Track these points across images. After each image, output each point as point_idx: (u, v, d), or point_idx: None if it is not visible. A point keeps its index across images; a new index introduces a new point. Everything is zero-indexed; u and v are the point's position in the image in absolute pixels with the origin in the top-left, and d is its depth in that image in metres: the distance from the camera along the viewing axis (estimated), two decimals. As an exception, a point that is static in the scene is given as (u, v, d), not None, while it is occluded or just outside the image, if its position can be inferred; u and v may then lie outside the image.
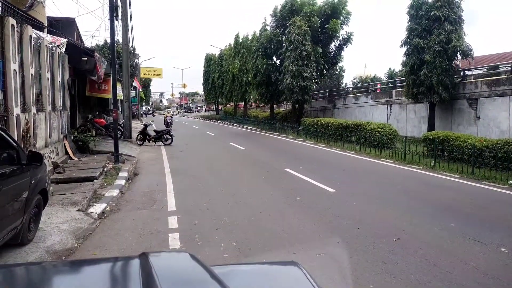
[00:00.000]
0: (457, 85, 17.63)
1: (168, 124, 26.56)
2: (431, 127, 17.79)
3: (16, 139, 6.38)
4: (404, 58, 18.35)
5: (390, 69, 39.10)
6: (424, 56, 16.88)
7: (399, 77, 26.60)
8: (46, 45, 9.78)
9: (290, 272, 1.71)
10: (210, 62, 49.74)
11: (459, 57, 17.31)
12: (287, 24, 25.12)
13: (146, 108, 63.18)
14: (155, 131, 18.35)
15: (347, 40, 27.10)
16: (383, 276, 4.09)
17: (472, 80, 17.90)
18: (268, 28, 28.54)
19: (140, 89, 37.02)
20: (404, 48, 18.28)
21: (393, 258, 4.54)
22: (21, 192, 4.39)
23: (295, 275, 1.64)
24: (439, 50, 16.48)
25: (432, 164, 11.83)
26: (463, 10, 17.21)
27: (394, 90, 22.72)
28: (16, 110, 7.28)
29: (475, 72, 19.71)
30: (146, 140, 17.69)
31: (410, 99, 18.90)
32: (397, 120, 21.76)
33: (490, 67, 20.95)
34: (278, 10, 27.45)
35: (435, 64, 16.54)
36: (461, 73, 18.47)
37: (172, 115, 33.20)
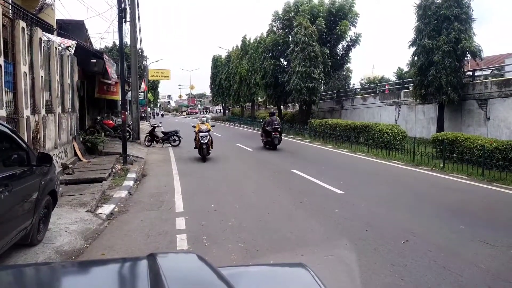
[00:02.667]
0: (466, 85, 17.45)
1: (202, 148, 12.84)
2: (440, 128, 17.63)
3: (26, 140, 6.46)
4: (411, 59, 18.27)
5: (399, 68, 38.80)
6: (433, 57, 16.74)
7: (408, 77, 26.40)
8: (55, 47, 9.89)
9: (298, 274, 1.70)
10: (217, 64, 49.95)
11: (469, 57, 17.15)
12: (293, 25, 25.11)
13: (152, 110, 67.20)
14: (163, 132, 18.44)
15: (355, 41, 27.04)
16: (392, 278, 4.06)
17: (482, 80, 17.71)
18: (275, 29, 28.57)
19: (146, 90, 37.01)
20: (412, 49, 18.16)
21: (402, 261, 4.50)
22: (31, 193, 4.43)
23: (303, 277, 1.63)
24: (449, 50, 16.33)
25: (441, 165, 11.71)
26: (472, 10, 17.05)
27: (403, 91, 22.58)
28: (26, 112, 7.37)
29: (484, 72, 19.50)
30: (154, 142, 17.80)
31: (418, 100, 18.75)
32: (405, 121, 21.60)
33: (500, 67, 20.70)
34: (280, 13, 27.52)
35: (444, 64, 16.40)
36: (471, 74, 18.29)
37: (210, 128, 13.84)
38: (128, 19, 14.94)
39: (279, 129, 16.19)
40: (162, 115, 70.50)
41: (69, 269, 1.79)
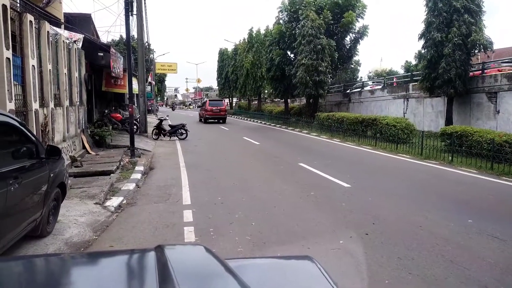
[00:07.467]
0: (475, 78, 17.22)
1: None
2: (448, 121, 17.45)
3: (35, 133, 6.52)
4: (418, 51, 18.10)
5: (407, 61, 38.39)
6: (443, 49, 16.51)
7: (416, 70, 26.11)
8: (63, 41, 9.93)
9: (304, 266, 1.70)
10: (224, 57, 49.82)
11: (478, 50, 16.89)
12: (300, 18, 24.89)
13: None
14: (170, 125, 18.51)
15: (362, 33, 26.74)
16: (398, 271, 4.05)
17: (491, 73, 17.47)
18: (281, 21, 28.36)
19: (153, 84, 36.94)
20: (422, 42, 17.93)
21: (409, 254, 4.49)
22: (40, 185, 4.48)
23: (309, 269, 1.63)
24: (459, 43, 16.10)
25: (449, 159, 11.62)
26: (483, 1, 16.76)
27: (411, 84, 22.34)
28: (35, 105, 7.43)
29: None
30: (161, 135, 17.87)
31: (426, 93, 18.57)
32: (414, 114, 21.41)
33: (510, 60, 20.37)
34: (287, 3, 27.25)
35: (454, 57, 16.17)
36: (480, 66, 18.06)
37: None
38: (135, 12, 14.95)
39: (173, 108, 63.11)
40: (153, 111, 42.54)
41: (79, 260, 1.81)
